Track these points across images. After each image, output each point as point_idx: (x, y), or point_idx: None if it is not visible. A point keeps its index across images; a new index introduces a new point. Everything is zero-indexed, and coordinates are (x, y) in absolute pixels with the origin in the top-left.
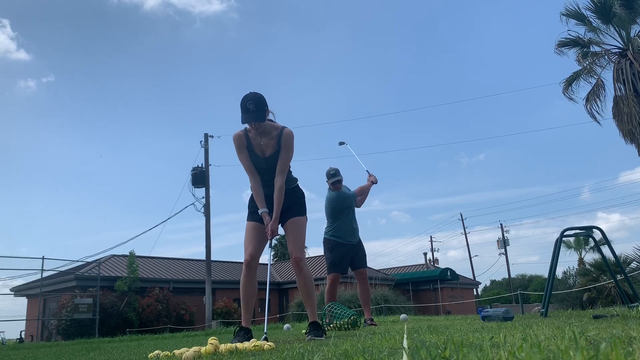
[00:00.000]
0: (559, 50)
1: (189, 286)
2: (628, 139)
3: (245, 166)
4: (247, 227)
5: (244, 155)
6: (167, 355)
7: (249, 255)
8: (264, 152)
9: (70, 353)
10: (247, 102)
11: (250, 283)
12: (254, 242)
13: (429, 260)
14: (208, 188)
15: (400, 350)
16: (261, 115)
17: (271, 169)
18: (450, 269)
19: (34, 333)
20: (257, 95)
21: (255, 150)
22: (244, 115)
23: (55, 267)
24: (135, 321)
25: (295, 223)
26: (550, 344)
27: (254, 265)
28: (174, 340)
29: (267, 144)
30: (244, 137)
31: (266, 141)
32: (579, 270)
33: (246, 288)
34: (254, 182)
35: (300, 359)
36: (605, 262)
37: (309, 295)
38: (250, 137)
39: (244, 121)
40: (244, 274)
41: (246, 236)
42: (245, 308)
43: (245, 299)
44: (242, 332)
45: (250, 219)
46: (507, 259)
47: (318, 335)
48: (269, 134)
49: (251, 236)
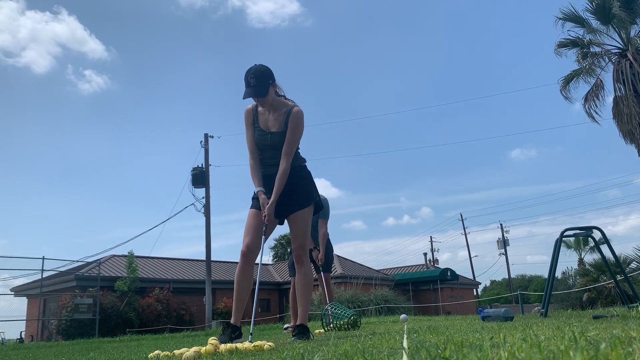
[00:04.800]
0: (558, 51)
1: (189, 286)
2: (628, 139)
3: (248, 143)
4: (249, 214)
5: (250, 132)
6: (167, 356)
7: (245, 246)
8: (269, 128)
9: (70, 353)
10: (249, 76)
11: (245, 276)
12: (253, 231)
13: (429, 260)
14: (208, 188)
15: (400, 351)
16: (262, 90)
17: (275, 147)
18: (450, 269)
19: (34, 333)
20: (260, 67)
21: (261, 125)
22: (245, 90)
23: (55, 267)
24: (135, 321)
25: (299, 218)
26: (550, 344)
27: (252, 258)
28: (174, 340)
29: (274, 121)
30: (252, 113)
31: (274, 117)
32: (579, 270)
33: (240, 281)
34: (252, 160)
35: (300, 359)
36: (605, 262)
37: (305, 294)
38: (258, 112)
39: (244, 96)
40: (240, 265)
41: (246, 225)
42: (237, 303)
43: (238, 292)
44: (230, 330)
45: (253, 205)
46: (507, 259)
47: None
48: (278, 110)
49: (250, 225)
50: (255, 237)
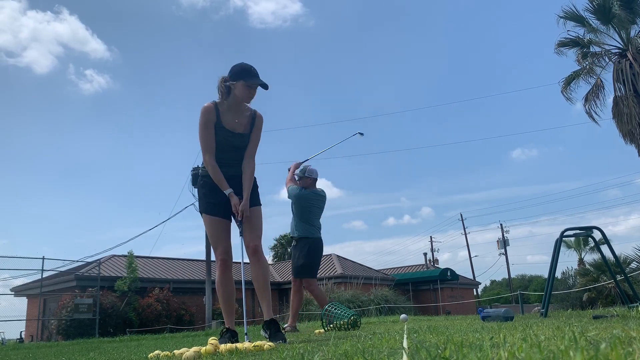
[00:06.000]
0: (558, 50)
1: (189, 286)
2: (628, 139)
3: (207, 142)
4: (211, 222)
5: (211, 131)
6: (167, 355)
7: (224, 254)
8: (235, 129)
9: (70, 353)
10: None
11: (229, 281)
12: (225, 238)
13: (429, 260)
14: None
15: (400, 351)
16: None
17: (238, 148)
18: (450, 269)
19: (34, 333)
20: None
21: (226, 126)
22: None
23: (55, 267)
24: (135, 321)
25: (255, 213)
26: (550, 344)
27: (231, 263)
28: (174, 340)
29: (240, 122)
30: (213, 112)
31: (239, 118)
32: (579, 270)
33: (224, 287)
34: (211, 159)
35: (300, 359)
36: (605, 262)
37: (266, 287)
38: (220, 112)
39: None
40: (221, 272)
41: (212, 233)
42: (226, 309)
43: (225, 298)
44: (229, 334)
45: (211, 212)
46: (507, 259)
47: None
48: (240, 110)
49: (219, 232)
50: (229, 242)
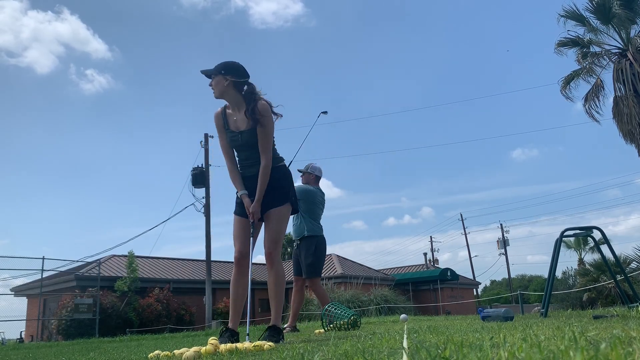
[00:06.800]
0: (558, 50)
1: (189, 286)
2: (628, 139)
3: (222, 147)
4: (234, 221)
5: (222, 135)
6: (167, 355)
7: (238, 252)
8: (238, 127)
9: (70, 353)
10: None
11: (240, 282)
12: (242, 237)
13: (429, 260)
14: (208, 188)
15: (400, 351)
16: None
17: (248, 146)
18: (450, 269)
19: (34, 333)
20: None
21: (231, 127)
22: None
23: (55, 267)
24: (135, 321)
25: (273, 215)
26: (550, 344)
27: (245, 263)
28: (174, 340)
29: (242, 119)
30: (220, 117)
31: (239, 115)
32: (579, 270)
33: (236, 288)
34: (230, 163)
35: (300, 359)
36: (605, 262)
37: (278, 295)
38: (227, 114)
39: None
40: (235, 272)
41: (234, 232)
42: (233, 309)
43: (234, 299)
44: (228, 333)
45: (234, 211)
46: (507, 259)
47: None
48: (239, 107)
49: (238, 230)
50: (246, 241)
